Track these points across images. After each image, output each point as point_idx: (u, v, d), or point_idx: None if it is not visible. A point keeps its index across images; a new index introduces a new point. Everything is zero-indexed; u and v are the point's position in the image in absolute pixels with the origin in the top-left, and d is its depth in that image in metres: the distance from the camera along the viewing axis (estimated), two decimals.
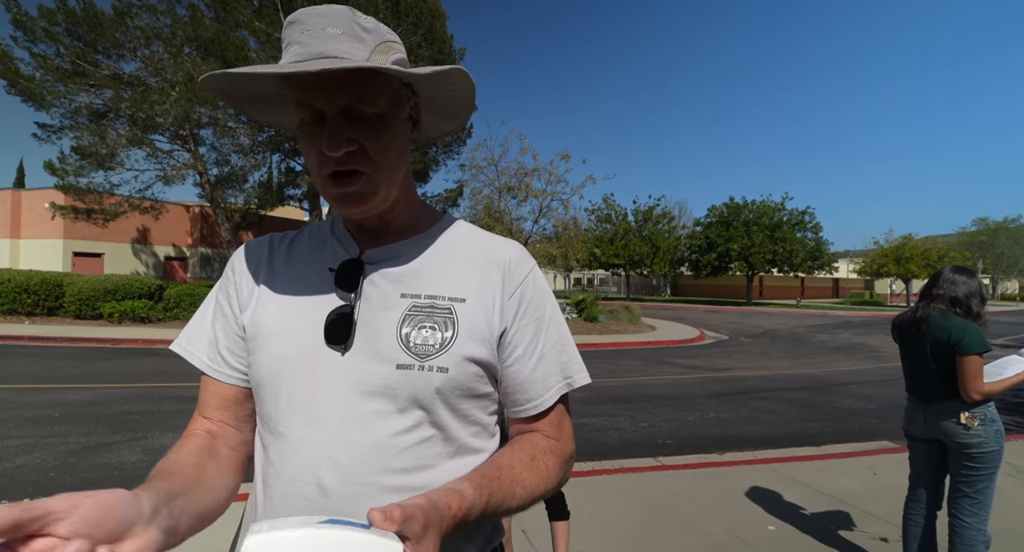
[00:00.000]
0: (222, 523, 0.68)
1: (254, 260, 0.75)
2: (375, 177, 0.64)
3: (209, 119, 13.26)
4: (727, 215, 33.19)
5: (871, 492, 3.34)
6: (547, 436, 0.71)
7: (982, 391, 2.03)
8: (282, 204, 15.83)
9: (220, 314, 0.73)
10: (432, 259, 0.71)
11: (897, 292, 40.52)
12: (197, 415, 0.73)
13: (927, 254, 32.83)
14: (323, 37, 0.60)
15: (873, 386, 7.64)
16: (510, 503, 0.62)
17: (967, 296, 2.13)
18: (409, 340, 0.64)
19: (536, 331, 0.71)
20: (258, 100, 0.72)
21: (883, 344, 13.03)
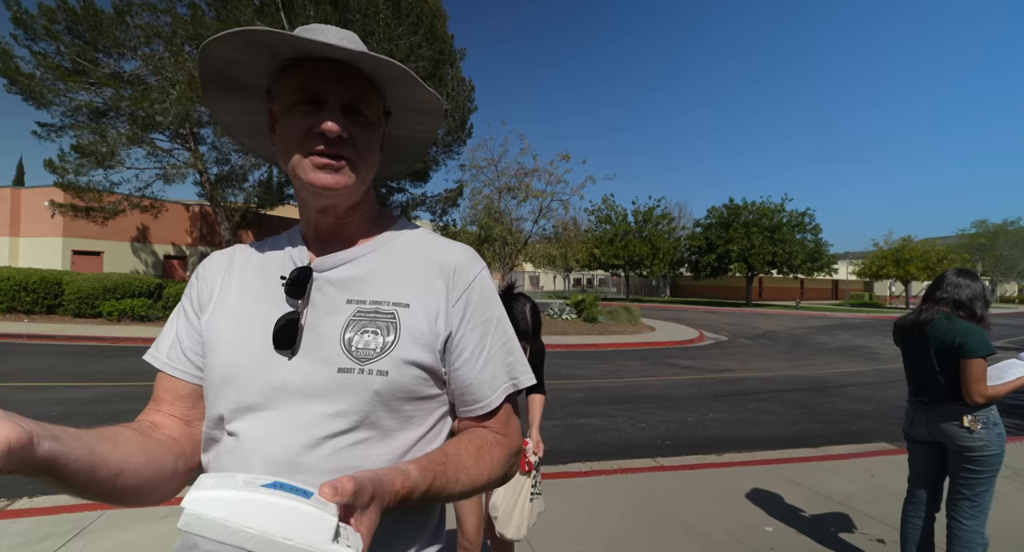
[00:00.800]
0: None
1: (217, 269, 0.78)
2: (357, 165, 0.68)
3: (209, 118, 13.24)
4: (727, 216, 33.21)
5: (869, 494, 3.34)
6: (495, 432, 0.74)
7: (986, 394, 2.03)
8: (282, 203, 15.80)
9: (183, 318, 0.76)
10: (380, 265, 0.73)
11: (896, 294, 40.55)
12: (152, 405, 0.74)
13: (927, 256, 32.86)
14: (337, 41, 0.65)
15: (872, 388, 7.64)
16: (452, 488, 0.65)
17: (971, 299, 2.13)
18: (352, 345, 0.66)
19: (482, 334, 0.73)
20: (233, 87, 0.72)
21: (882, 346, 13.03)
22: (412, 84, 0.69)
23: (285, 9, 12.87)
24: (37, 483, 2.41)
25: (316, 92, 0.66)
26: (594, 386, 7.19)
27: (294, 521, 0.42)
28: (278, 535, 0.41)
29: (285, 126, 0.68)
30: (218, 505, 0.41)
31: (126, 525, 2.71)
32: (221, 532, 0.41)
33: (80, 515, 2.80)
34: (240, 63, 0.68)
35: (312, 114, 0.66)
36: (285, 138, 0.68)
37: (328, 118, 0.65)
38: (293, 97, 0.67)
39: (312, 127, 0.65)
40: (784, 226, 31.70)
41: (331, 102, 0.66)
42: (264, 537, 0.41)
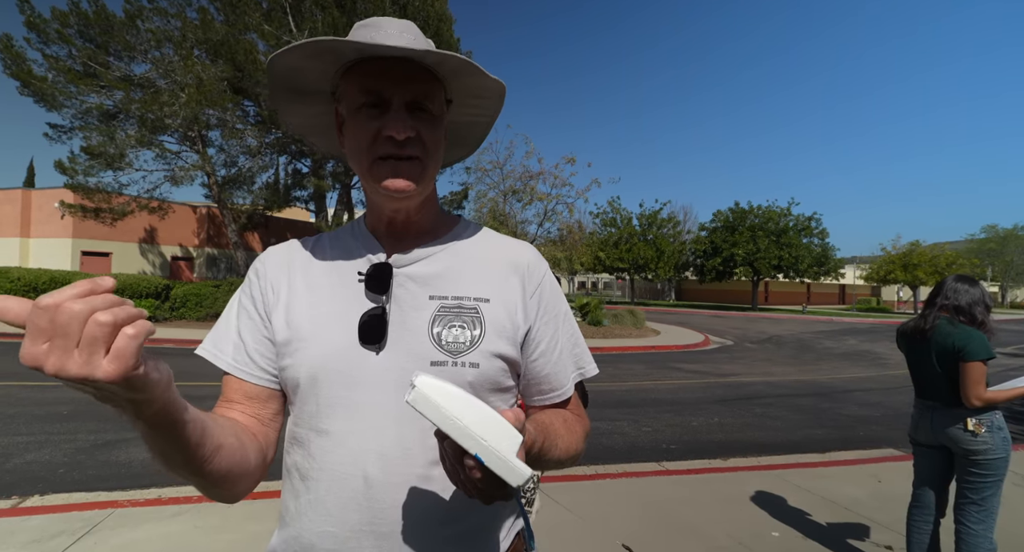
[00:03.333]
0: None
1: (279, 265, 0.77)
2: (426, 164, 0.69)
3: (217, 121, 13.38)
4: (732, 220, 33.12)
5: (876, 500, 3.32)
6: (573, 413, 0.80)
7: (983, 397, 2.06)
8: (288, 205, 15.92)
9: (246, 317, 0.74)
10: (455, 262, 0.74)
11: (904, 299, 40.22)
12: (219, 406, 0.72)
13: (935, 261, 32.63)
14: (399, 39, 0.66)
15: (879, 394, 7.59)
16: (553, 452, 0.67)
17: (970, 305, 2.16)
18: (441, 338, 0.68)
19: (555, 327, 0.77)
20: (300, 92, 0.73)
21: (889, 351, 12.94)
22: (475, 73, 0.68)
23: (293, 13, 13.01)
24: (48, 480, 2.47)
25: (380, 94, 0.66)
26: (599, 389, 7.18)
27: (493, 427, 0.49)
28: (477, 433, 0.49)
29: (353, 130, 0.69)
30: (442, 393, 0.50)
31: (136, 524, 2.73)
32: (436, 415, 0.50)
33: (91, 513, 2.83)
34: (306, 69, 0.69)
35: (378, 117, 0.66)
36: (353, 142, 0.69)
37: (394, 121, 0.65)
38: (358, 100, 0.67)
39: (379, 131, 0.66)
40: (790, 230, 31.57)
41: (396, 103, 0.66)
42: (467, 431, 0.49)
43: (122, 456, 3.87)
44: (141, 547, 2.52)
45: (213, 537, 2.65)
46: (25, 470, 3.52)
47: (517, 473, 0.49)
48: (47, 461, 3.69)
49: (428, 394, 0.50)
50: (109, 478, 3.46)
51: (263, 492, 3.17)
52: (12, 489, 3.18)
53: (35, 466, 3.59)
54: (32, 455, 3.79)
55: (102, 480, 3.42)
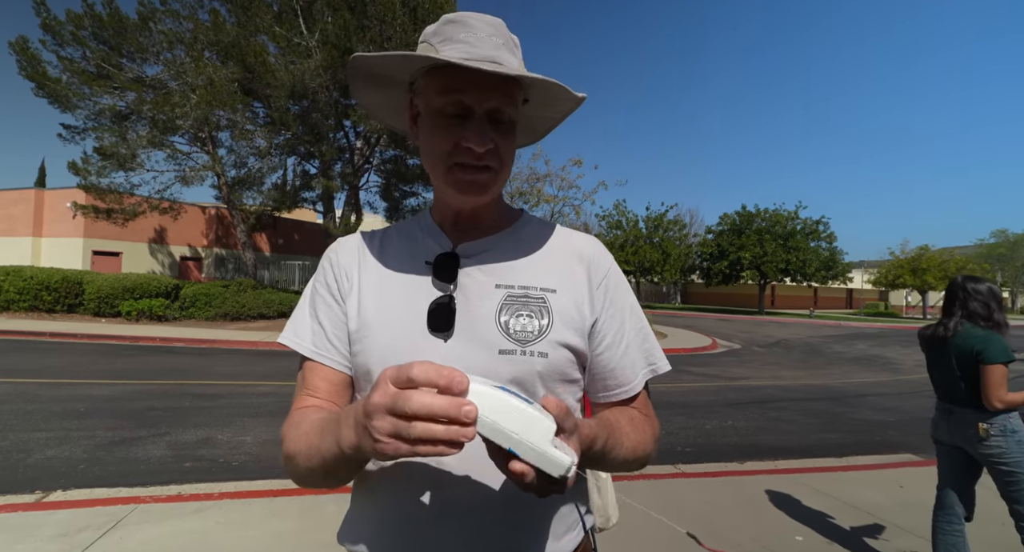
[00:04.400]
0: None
1: (350, 255, 0.78)
2: (500, 173, 0.70)
3: (228, 122, 13.49)
4: (739, 223, 33.00)
5: (899, 505, 3.29)
6: (641, 412, 0.77)
7: (1004, 400, 2.06)
8: (296, 206, 16.00)
9: (323, 304, 0.76)
10: (520, 252, 0.75)
11: (913, 304, 39.92)
12: (304, 395, 0.73)
13: (944, 266, 32.39)
14: (489, 44, 0.66)
15: (893, 398, 7.53)
16: (618, 452, 0.66)
17: (985, 305, 2.18)
18: (509, 327, 0.68)
19: (621, 320, 0.75)
20: (378, 78, 0.73)
21: (900, 356, 12.84)
22: (560, 90, 0.68)
23: (303, 15, 13.10)
24: (69, 476, 2.52)
25: (462, 102, 0.65)
26: None
27: (521, 419, 0.48)
28: (507, 428, 0.48)
29: (430, 133, 0.68)
30: (468, 394, 0.49)
31: (159, 519, 2.75)
32: None
33: (114, 508, 2.84)
34: (388, 66, 0.69)
35: (458, 126, 0.66)
36: (430, 146, 0.69)
37: (475, 135, 0.65)
38: (438, 102, 0.66)
39: (459, 142, 0.66)
40: (798, 234, 31.42)
41: (477, 113, 0.66)
42: (495, 426, 0.48)
43: (140, 453, 3.89)
44: (165, 542, 2.53)
45: (236, 534, 2.66)
46: (46, 466, 3.55)
47: (555, 463, 0.47)
48: (67, 457, 3.72)
49: None
50: (129, 474, 3.48)
51: (282, 490, 3.18)
52: (35, 483, 3.21)
53: (55, 462, 3.62)
54: (52, 451, 3.82)
55: (122, 476, 3.44)
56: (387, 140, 14.74)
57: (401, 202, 17.13)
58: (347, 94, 13.72)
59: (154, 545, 2.50)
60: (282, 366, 7.91)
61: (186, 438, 4.28)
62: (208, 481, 3.40)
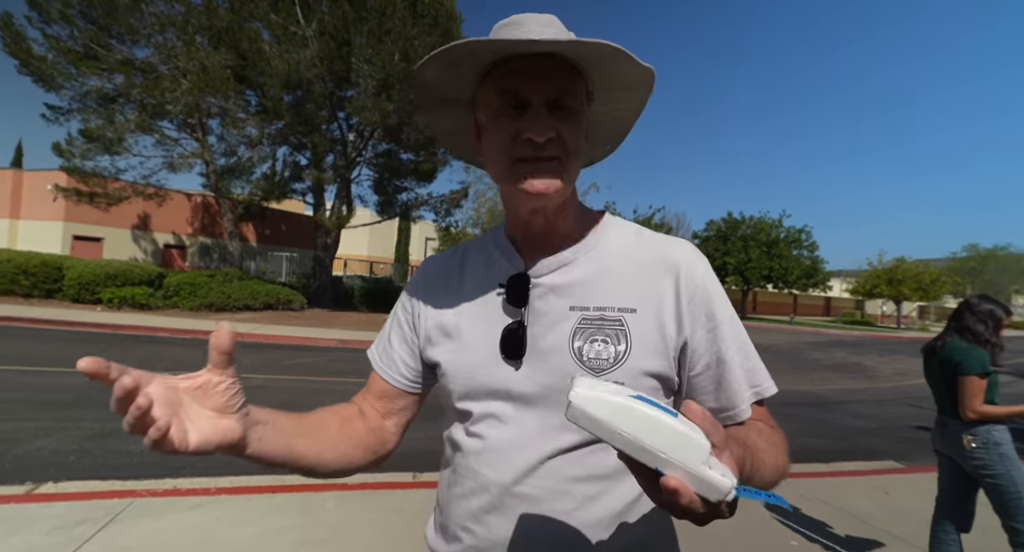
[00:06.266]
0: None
1: (433, 277, 0.81)
2: (566, 164, 0.65)
3: (219, 109, 13.22)
4: (725, 229, 33.52)
5: (887, 512, 3.40)
6: (764, 423, 0.68)
7: (978, 411, 2.15)
8: (286, 197, 15.78)
9: (397, 325, 0.82)
10: (597, 268, 0.70)
11: (888, 313, 41.01)
12: (363, 391, 0.82)
13: (919, 278, 33.28)
14: (541, 30, 0.64)
15: (873, 405, 7.75)
16: (763, 471, 0.57)
17: (976, 323, 2.26)
18: (583, 354, 0.65)
19: (720, 337, 0.67)
20: (443, 101, 0.73)
21: (877, 364, 13.19)
22: (622, 61, 0.61)
23: (300, 4, 12.91)
24: (59, 467, 2.50)
25: (518, 95, 0.62)
26: None
27: (667, 436, 0.42)
28: (653, 446, 0.42)
29: (491, 133, 0.66)
30: (600, 406, 0.45)
31: (158, 514, 2.71)
32: (598, 429, 0.45)
33: (110, 502, 2.80)
34: (447, 79, 0.68)
35: (517, 119, 0.63)
36: (492, 145, 0.66)
37: (534, 122, 0.61)
38: (496, 102, 0.64)
39: (518, 133, 0.62)
40: (781, 241, 32.04)
41: (535, 103, 0.62)
42: (639, 444, 0.43)
43: (132, 445, 3.82)
44: (165, 536, 2.50)
45: (236, 530, 2.64)
46: (35, 456, 3.46)
47: (714, 487, 0.41)
48: (56, 448, 3.63)
49: (587, 409, 0.45)
50: (121, 467, 3.42)
51: (282, 486, 3.16)
52: (24, 475, 3.13)
53: (44, 453, 3.54)
54: (40, 441, 3.73)
55: (114, 469, 3.38)
56: (381, 134, 14.62)
57: (394, 197, 17.00)
58: (342, 85, 13.58)
59: (156, 539, 2.47)
60: (270, 359, 7.82)
61: None
62: (204, 475, 3.35)
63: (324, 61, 12.41)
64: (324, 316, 13.74)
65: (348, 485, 3.22)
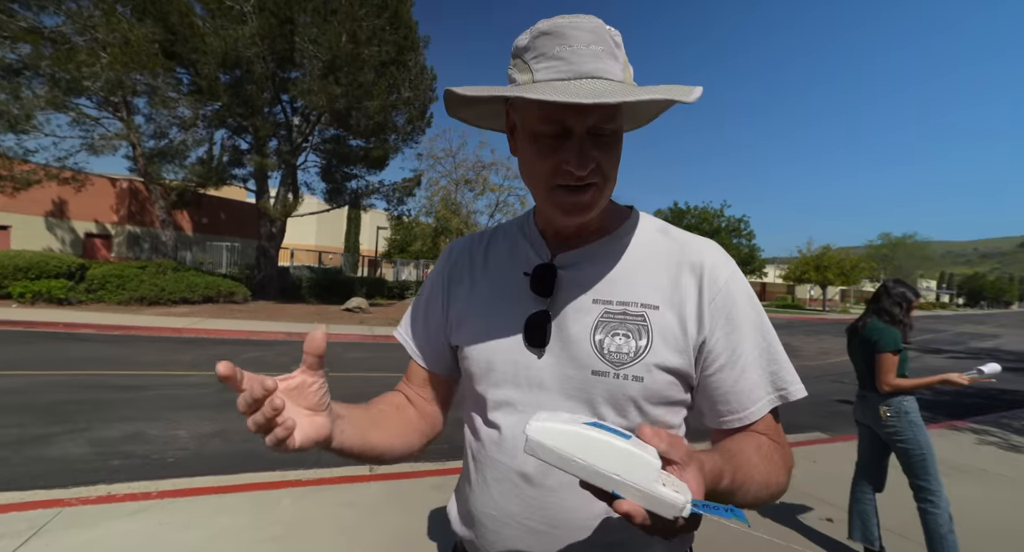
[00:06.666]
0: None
1: (458, 262, 0.83)
2: (604, 189, 0.66)
3: (146, 87, 12.20)
4: (671, 219, 34.86)
5: (814, 479, 3.72)
6: (770, 438, 0.68)
7: (892, 384, 2.42)
8: (225, 184, 14.85)
9: (432, 310, 0.83)
10: (623, 262, 0.70)
11: (815, 297, 44.27)
12: (403, 380, 0.86)
13: (842, 264, 36.06)
14: (587, 55, 0.60)
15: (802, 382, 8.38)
16: (749, 487, 0.58)
17: (891, 305, 2.52)
18: (603, 347, 0.65)
19: (739, 340, 0.67)
20: (470, 102, 0.70)
21: (804, 344, 14.22)
22: (666, 103, 0.64)
23: None
24: None
25: (563, 124, 0.61)
26: None
27: (618, 458, 0.45)
28: (606, 469, 0.45)
29: (531, 156, 0.65)
30: (555, 436, 0.48)
31: (91, 523, 2.54)
32: (555, 458, 0.47)
33: (33, 513, 2.59)
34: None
35: (559, 148, 0.62)
36: (531, 166, 0.66)
37: (576, 155, 0.61)
38: (535, 126, 0.63)
39: (558, 165, 0.62)
40: (722, 231, 33.73)
41: (578, 131, 0.61)
42: (592, 468, 0.45)
43: (56, 452, 3.54)
44: (100, 546, 2.35)
45: (181, 534, 2.52)
46: None
47: (666, 503, 0.43)
48: None
49: (543, 440, 0.47)
50: (45, 475, 3.16)
51: (231, 486, 3.04)
52: None
53: None
54: None
55: (36, 478, 3.12)
56: (328, 118, 14.02)
57: (343, 184, 16.42)
58: (285, 66, 12.88)
59: (90, 550, 2.32)
60: (213, 354, 7.42)
61: (110, 434, 3.94)
62: (142, 479, 3.16)
63: (265, 39, 11.69)
64: (270, 308, 13.15)
65: (303, 481, 3.14)
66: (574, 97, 0.54)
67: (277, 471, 3.31)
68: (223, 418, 4.44)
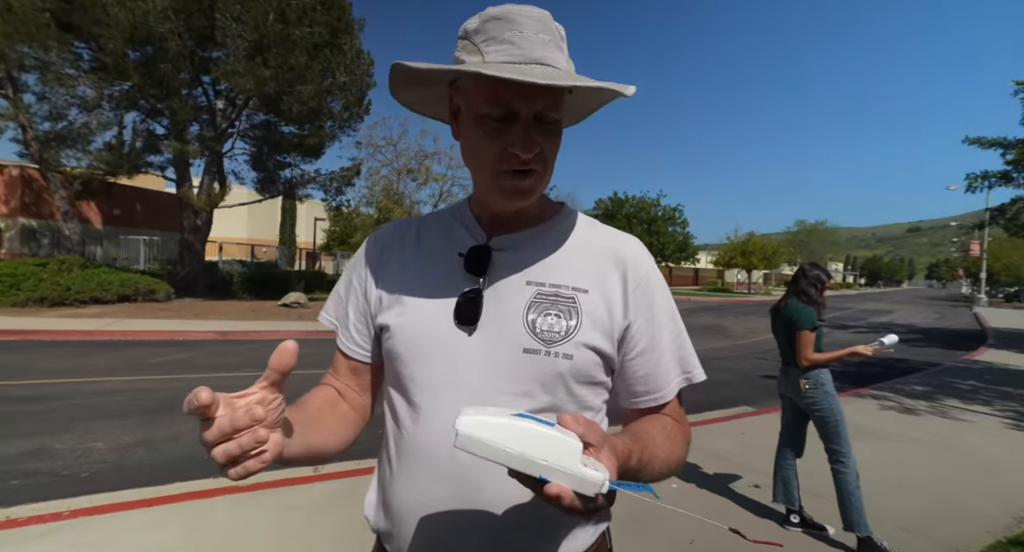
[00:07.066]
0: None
1: (385, 245, 0.81)
2: (544, 176, 0.69)
3: (37, 61, 10.83)
4: (612, 208, 35.92)
5: (743, 449, 4.02)
6: (673, 418, 0.75)
7: (810, 358, 2.66)
8: (139, 172, 13.53)
9: (353, 296, 0.81)
10: (555, 249, 0.74)
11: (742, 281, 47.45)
12: (330, 373, 0.83)
13: (764, 249, 38.83)
14: (536, 42, 0.63)
15: (732, 361, 8.99)
16: (654, 464, 0.64)
17: (807, 286, 2.76)
18: (536, 326, 0.67)
19: (657, 326, 0.73)
20: (419, 80, 0.71)
21: (733, 325, 15.25)
22: (611, 92, 0.66)
23: None
24: None
25: (510, 107, 0.63)
26: None
27: (544, 444, 0.48)
28: (534, 456, 0.48)
29: (476, 139, 0.67)
30: (484, 428, 0.49)
31: None
32: (486, 450, 0.49)
33: None
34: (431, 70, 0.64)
35: (504, 131, 0.64)
36: (476, 150, 0.68)
37: (522, 139, 0.63)
38: (482, 107, 0.64)
39: (504, 148, 0.64)
40: (659, 219, 35.20)
41: (524, 116, 0.63)
42: (522, 456, 0.48)
43: None
44: None
45: None
46: None
47: (588, 482, 0.47)
48: None
49: (472, 433, 0.49)
50: None
51: (159, 498, 2.83)
52: None
53: None
54: None
55: None
56: (257, 103, 13.13)
57: (275, 173, 15.49)
58: (205, 45, 11.89)
59: None
60: (131, 357, 6.82)
61: (6, 451, 3.53)
62: (47, 499, 2.86)
63: (180, 14, 10.71)
64: (198, 306, 12.25)
65: (240, 487, 2.97)
66: (529, 77, 0.56)
67: (209, 478, 3.11)
68: (148, 426, 4.11)
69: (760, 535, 2.70)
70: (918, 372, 8.21)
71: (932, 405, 5.89)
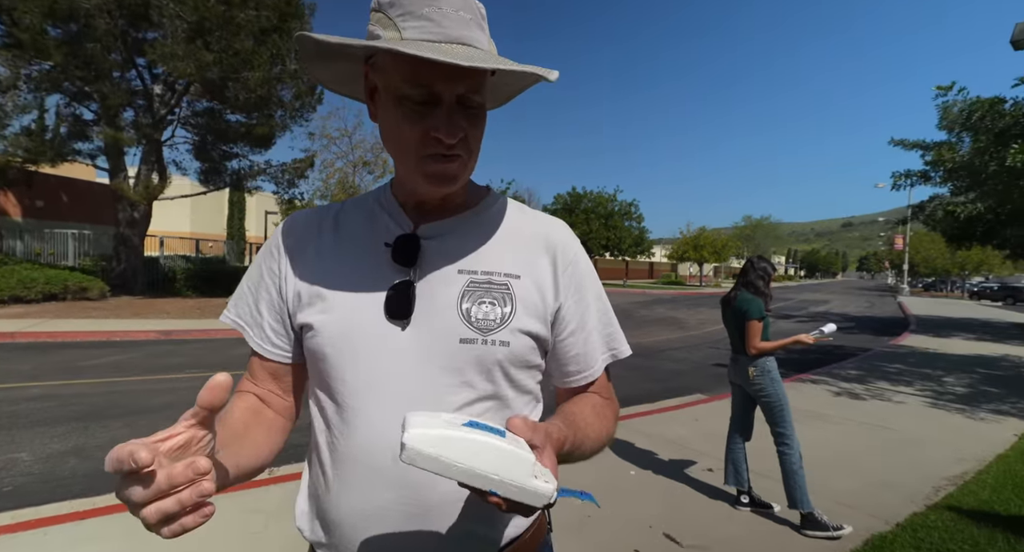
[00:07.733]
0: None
1: (301, 236, 0.74)
2: (468, 162, 0.67)
3: None
4: (570, 203, 36.41)
5: (697, 435, 4.19)
6: (602, 396, 0.78)
7: (758, 347, 2.80)
8: (65, 160, 12.47)
9: (265, 292, 0.74)
10: (485, 236, 0.72)
11: (694, 274, 49.33)
12: (247, 378, 0.77)
13: (715, 243, 40.56)
14: (456, 20, 0.60)
15: (685, 351, 9.34)
16: (586, 444, 0.67)
17: (755, 279, 2.90)
18: (471, 315, 0.66)
19: (586, 307, 0.75)
20: (331, 54, 0.67)
21: (687, 316, 15.84)
22: (534, 76, 0.64)
23: None
24: None
25: (431, 89, 0.60)
26: None
27: (496, 458, 0.47)
28: (486, 470, 0.46)
29: (396, 122, 0.63)
30: (431, 442, 0.47)
31: None
32: (435, 465, 0.47)
33: None
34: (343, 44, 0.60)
35: (426, 115, 0.61)
36: (395, 133, 0.64)
37: (445, 123, 0.61)
38: (401, 88, 0.61)
39: (426, 132, 0.61)
40: (616, 214, 36.02)
41: (446, 100, 0.60)
42: (473, 471, 0.46)
43: None
44: None
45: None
46: None
47: (539, 495, 0.47)
48: None
49: (420, 448, 0.46)
50: None
51: (93, 509, 2.64)
52: None
53: None
54: None
55: None
56: (199, 89, 12.36)
57: (221, 164, 14.66)
58: (139, 24, 11.07)
59: None
60: (60, 361, 6.32)
61: None
62: None
63: None
64: (136, 305, 11.48)
65: None
66: (451, 58, 0.54)
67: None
68: (79, 433, 3.82)
69: (712, 517, 2.84)
70: (852, 357, 8.83)
71: (865, 388, 6.35)
